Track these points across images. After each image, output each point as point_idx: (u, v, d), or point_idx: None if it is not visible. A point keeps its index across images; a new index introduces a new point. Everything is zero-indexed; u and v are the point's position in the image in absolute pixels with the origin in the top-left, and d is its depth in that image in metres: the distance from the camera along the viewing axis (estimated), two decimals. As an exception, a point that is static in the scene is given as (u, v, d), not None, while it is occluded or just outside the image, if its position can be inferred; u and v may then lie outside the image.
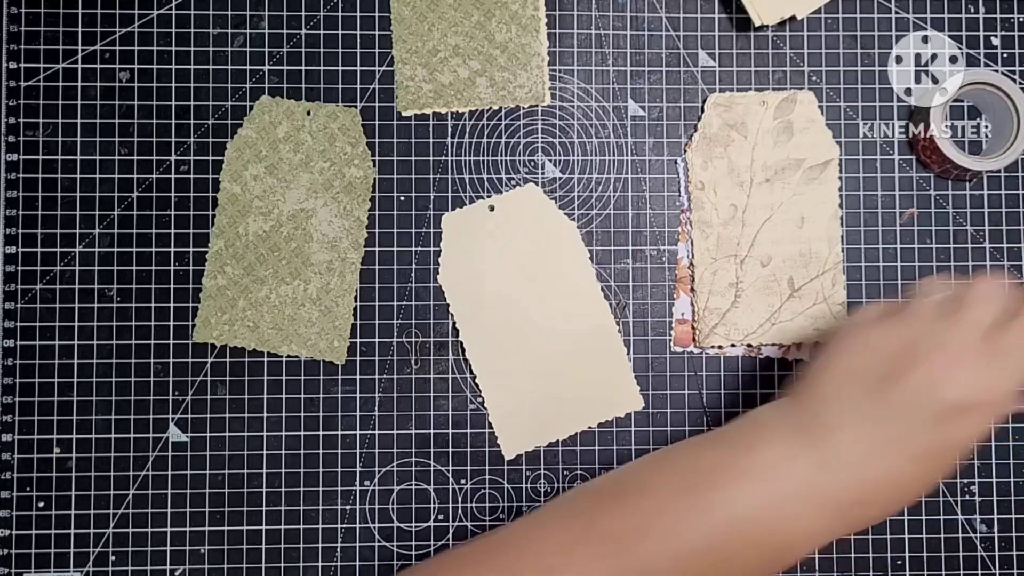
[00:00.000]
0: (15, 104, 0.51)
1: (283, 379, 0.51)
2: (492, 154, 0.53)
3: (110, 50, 0.52)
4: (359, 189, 0.52)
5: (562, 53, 0.53)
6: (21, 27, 0.52)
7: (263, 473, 0.51)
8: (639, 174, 0.53)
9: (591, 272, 0.52)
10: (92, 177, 0.52)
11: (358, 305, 0.52)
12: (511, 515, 0.52)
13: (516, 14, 0.53)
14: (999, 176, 0.54)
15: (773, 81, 0.53)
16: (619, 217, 0.53)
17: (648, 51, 0.53)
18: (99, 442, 0.51)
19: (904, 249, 0.53)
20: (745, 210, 0.52)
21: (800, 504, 0.37)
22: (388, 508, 0.51)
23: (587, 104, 0.53)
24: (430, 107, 0.52)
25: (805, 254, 0.52)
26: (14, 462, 0.51)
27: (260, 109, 0.52)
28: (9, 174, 0.51)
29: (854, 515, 0.38)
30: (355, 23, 0.53)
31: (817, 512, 0.37)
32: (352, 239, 0.52)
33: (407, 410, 0.52)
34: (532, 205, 0.52)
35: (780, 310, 0.52)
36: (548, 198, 0.52)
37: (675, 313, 0.53)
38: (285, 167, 0.52)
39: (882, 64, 0.54)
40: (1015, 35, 0.54)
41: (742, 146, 0.52)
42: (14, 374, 0.51)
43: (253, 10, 0.52)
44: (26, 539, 0.50)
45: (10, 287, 0.51)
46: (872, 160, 0.53)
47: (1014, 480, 0.52)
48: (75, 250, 0.51)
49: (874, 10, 0.54)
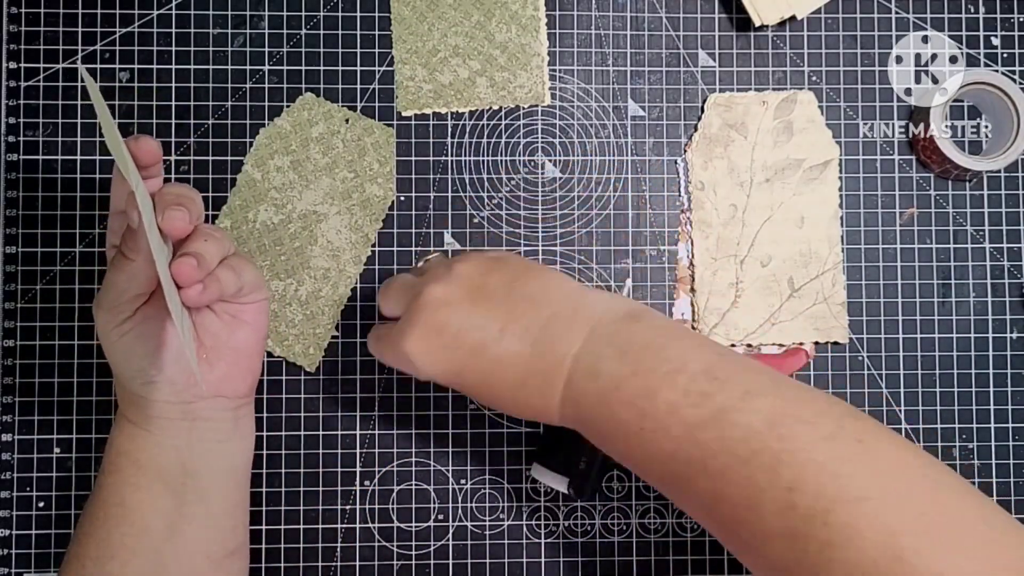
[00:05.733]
0: (15, 104, 0.51)
1: (283, 379, 0.51)
2: (492, 154, 0.53)
3: (110, 50, 0.52)
4: (375, 207, 0.52)
5: (562, 53, 0.53)
6: (21, 27, 0.52)
7: (263, 473, 0.51)
8: (639, 174, 0.53)
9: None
10: (92, 177, 0.52)
11: (358, 305, 0.52)
12: (511, 515, 0.52)
13: (516, 14, 0.53)
14: (999, 176, 0.54)
15: (773, 81, 0.53)
16: (619, 217, 0.53)
17: (648, 51, 0.53)
18: (99, 442, 0.51)
19: (904, 249, 0.53)
20: (745, 210, 0.52)
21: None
22: (388, 508, 0.51)
23: (587, 104, 0.53)
24: (430, 107, 0.52)
25: (805, 254, 0.52)
26: (14, 462, 0.51)
27: (301, 105, 0.52)
28: (9, 174, 0.51)
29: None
30: (355, 23, 0.53)
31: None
32: (355, 253, 0.52)
33: (407, 410, 0.52)
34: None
35: (780, 310, 0.52)
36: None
37: (675, 313, 0.53)
38: (310, 166, 0.52)
39: (882, 64, 0.54)
40: (1015, 35, 0.54)
41: (742, 146, 0.52)
42: (14, 374, 0.51)
43: (253, 10, 0.52)
44: (26, 539, 0.50)
45: (10, 287, 0.51)
46: (872, 160, 0.53)
47: (1014, 480, 0.52)
48: (75, 250, 0.51)
49: (874, 10, 0.54)
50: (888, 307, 0.53)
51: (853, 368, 0.53)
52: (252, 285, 0.44)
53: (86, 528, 0.43)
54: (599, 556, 0.52)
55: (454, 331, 0.40)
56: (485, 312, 0.41)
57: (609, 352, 0.38)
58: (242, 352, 0.44)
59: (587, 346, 0.39)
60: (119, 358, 0.42)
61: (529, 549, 0.51)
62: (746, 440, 0.35)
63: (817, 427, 0.34)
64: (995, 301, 0.53)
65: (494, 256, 0.43)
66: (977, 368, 0.53)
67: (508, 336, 0.40)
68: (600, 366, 0.38)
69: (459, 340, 0.40)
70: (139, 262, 0.39)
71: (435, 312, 0.41)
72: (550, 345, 0.39)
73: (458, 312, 0.41)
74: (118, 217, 0.42)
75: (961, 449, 0.52)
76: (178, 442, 0.43)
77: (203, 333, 0.44)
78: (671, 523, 0.52)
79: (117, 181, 0.42)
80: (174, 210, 0.39)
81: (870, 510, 0.32)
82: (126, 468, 0.43)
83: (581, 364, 0.39)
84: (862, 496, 0.32)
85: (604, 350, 0.38)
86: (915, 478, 0.33)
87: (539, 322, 0.40)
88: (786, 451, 0.34)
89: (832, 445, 0.34)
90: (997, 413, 0.53)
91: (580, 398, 0.39)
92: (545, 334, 0.40)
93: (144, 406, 0.43)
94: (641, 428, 0.37)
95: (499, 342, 0.40)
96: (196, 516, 0.43)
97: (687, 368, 0.37)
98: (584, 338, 0.39)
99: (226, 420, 0.45)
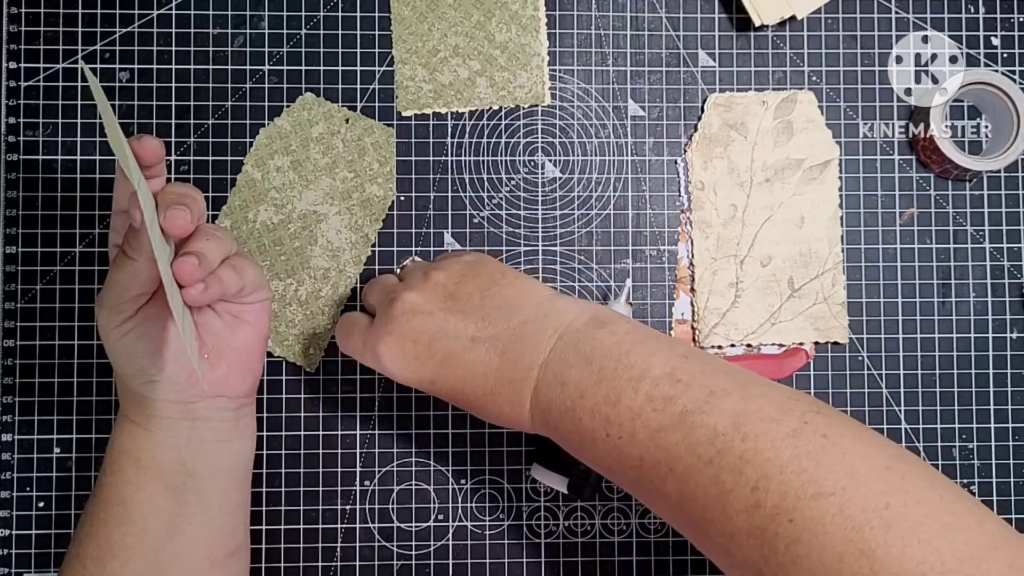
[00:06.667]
0: (15, 104, 0.51)
1: (283, 379, 0.51)
2: (492, 154, 0.53)
3: (110, 50, 0.52)
4: (375, 208, 0.52)
5: (562, 53, 0.53)
6: (21, 27, 0.52)
7: (263, 473, 0.51)
8: (639, 174, 0.53)
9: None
10: (92, 177, 0.52)
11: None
12: (511, 515, 0.52)
13: (516, 14, 0.53)
14: (999, 176, 0.54)
15: (773, 81, 0.53)
16: (619, 217, 0.53)
17: (648, 51, 0.53)
18: (99, 442, 0.51)
19: (904, 249, 0.53)
20: (745, 210, 0.52)
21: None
22: (388, 508, 0.51)
23: (587, 104, 0.53)
24: (430, 107, 0.52)
25: (805, 254, 0.52)
26: (14, 462, 0.51)
27: (301, 105, 0.52)
28: (9, 174, 0.51)
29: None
30: (355, 23, 0.53)
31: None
32: (355, 253, 0.52)
33: (407, 410, 0.52)
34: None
35: (780, 310, 0.52)
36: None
37: (675, 313, 0.53)
38: (310, 166, 0.52)
39: (882, 64, 0.54)
40: (1015, 35, 0.54)
41: (742, 146, 0.52)
42: (14, 374, 0.51)
43: (253, 10, 0.52)
44: (26, 539, 0.50)
45: (10, 287, 0.51)
46: (872, 160, 0.53)
47: (1014, 480, 0.52)
48: (75, 250, 0.51)
49: (874, 10, 0.54)
50: (888, 307, 0.53)
51: (853, 368, 0.53)
52: (254, 285, 0.44)
53: (87, 528, 0.43)
54: (599, 556, 0.52)
55: (427, 340, 0.41)
56: (458, 320, 0.41)
57: (575, 359, 0.39)
58: (243, 352, 0.44)
59: (554, 354, 0.39)
60: (121, 357, 0.42)
61: (529, 549, 0.51)
62: (711, 441, 0.35)
63: (781, 424, 0.34)
64: (995, 301, 0.53)
65: (469, 261, 0.43)
66: (977, 368, 0.53)
67: (479, 345, 0.40)
68: (566, 375, 0.38)
69: (432, 349, 0.41)
70: (141, 261, 0.39)
71: (409, 320, 0.41)
72: (519, 354, 0.40)
73: (431, 320, 0.41)
74: (120, 216, 0.42)
75: (961, 449, 0.53)
76: (179, 441, 0.43)
77: (204, 333, 0.44)
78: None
79: (120, 180, 0.42)
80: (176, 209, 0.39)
81: (834, 505, 0.32)
82: (127, 468, 0.43)
83: (548, 372, 0.39)
84: (826, 491, 0.32)
85: (570, 357, 0.39)
86: (880, 471, 0.33)
87: (509, 330, 0.40)
88: (750, 450, 0.34)
89: (796, 441, 0.34)
90: (997, 413, 0.53)
91: (548, 407, 0.39)
92: (515, 343, 0.40)
93: (145, 405, 0.43)
94: (607, 435, 0.37)
95: (470, 351, 0.40)
96: (197, 516, 0.43)
97: (650, 373, 0.37)
98: (551, 346, 0.39)
99: (227, 420, 0.45)
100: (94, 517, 0.43)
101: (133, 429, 0.43)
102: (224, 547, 0.44)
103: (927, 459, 0.52)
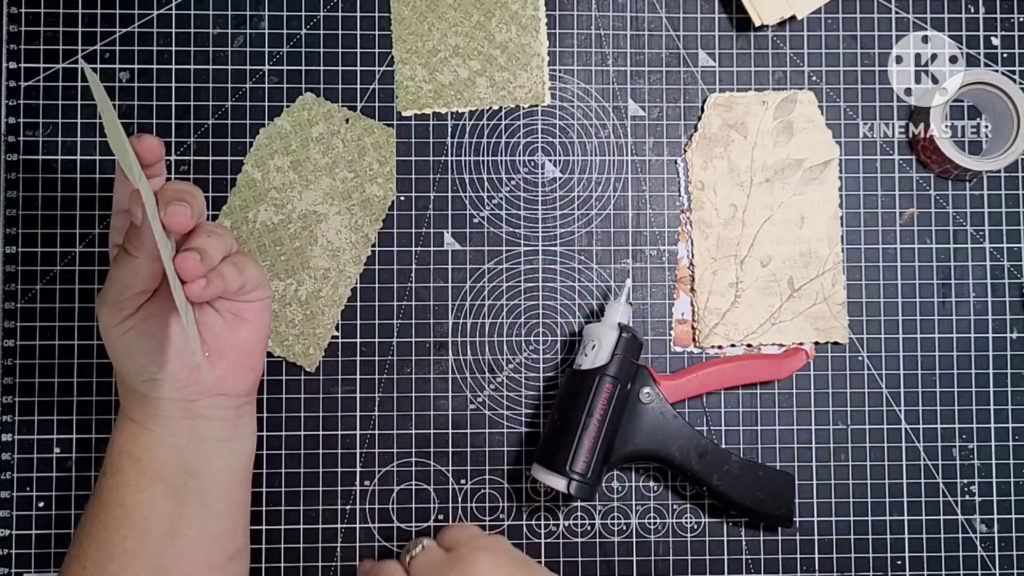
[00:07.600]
0: (15, 104, 0.51)
1: (283, 379, 0.51)
2: (492, 154, 0.53)
3: (110, 50, 0.52)
4: (375, 207, 0.52)
5: (562, 53, 0.53)
6: (21, 27, 0.52)
7: (263, 473, 0.51)
8: (639, 174, 0.53)
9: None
10: (92, 177, 0.52)
11: (358, 305, 0.52)
12: (511, 515, 0.52)
13: (516, 14, 0.53)
14: (999, 176, 0.54)
15: (773, 81, 0.53)
16: (619, 217, 0.53)
17: (648, 51, 0.53)
18: (99, 442, 0.51)
19: (904, 249, 0.53)
20: (745, 210, 0.52)
21: None
22: (388, 508, 0.51)
23: (587, 104, 0.53)
24: (430, 107, 0.52)
25: (805, 254, 0.52)
26: (14, 462, 0.51)
27: (301, 105, 0.52)
28: (9, 174, 0.51)
29: None
30: (355, 23, 0.53)
31: None
32: (355, 253, 0.52)
33: (407, 410, 0.52)
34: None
35: (780, 310, 0.52)
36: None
37: (675, 313, 0.53)
38: (310, 166, 0.52)
39: (882, 64, 0.54)
40: (1015, 35, 0.54)
41: (742, 146, 0.52)
42: (14, 374, 0.51)
43: (253, 10, 0.52)
44: (26, 539, 0.50)
45: (10, 287, 0.51)
46: (872, 160, 0.53)
47: (1014, 480, 0.52)
48: (75, 250, 0.51)
49: (874, 10, 0.54)
50: (888, 307, 0.53)
51: (853, 368, 0.53)
52: (255, 283, 0.44)
53: (87, 529, 0.43)
54: (599, 556, 0.52)
55: None
56: None
57: None
58: (244, 350, 0.45)
59: None
60: (122, 355, 0.42)
61: (529, 549, 0.51)
62: None
63: None
64: (995, 301, 0.53)
65: (489, 560, 0.43)
66: (977, 368, 0.53)
67: None
68: None
69: None
70: (142, 258, 0.40)
71: None
72: None
73: None
74: (121, 215, 0.42)
75: (961, 449, 0.53)
76: (180, 441, 0.43)
77: (205, 331, 0.44)
78: (671, 523, 0.52)
79: (120, 180, 0.42)
80: (176, 205, 0.39)
81: None
82: (127, 469, 0.43)
83: None
84: None
85: None
86: None
87: None
88: None
89: None
90: (997, 413, 0.53)
91: None
92: None
93: (146, 404, 0.43)
94: None
95: None
96: (197, 519, 0.43)
97: None
98: None
99: (228, 419, 0.45)
100: (94, 519, 0.43)
101: (134, 428, 0.43)
102: (225, 551, 0.44)
103: (927, 459, 0.52)
